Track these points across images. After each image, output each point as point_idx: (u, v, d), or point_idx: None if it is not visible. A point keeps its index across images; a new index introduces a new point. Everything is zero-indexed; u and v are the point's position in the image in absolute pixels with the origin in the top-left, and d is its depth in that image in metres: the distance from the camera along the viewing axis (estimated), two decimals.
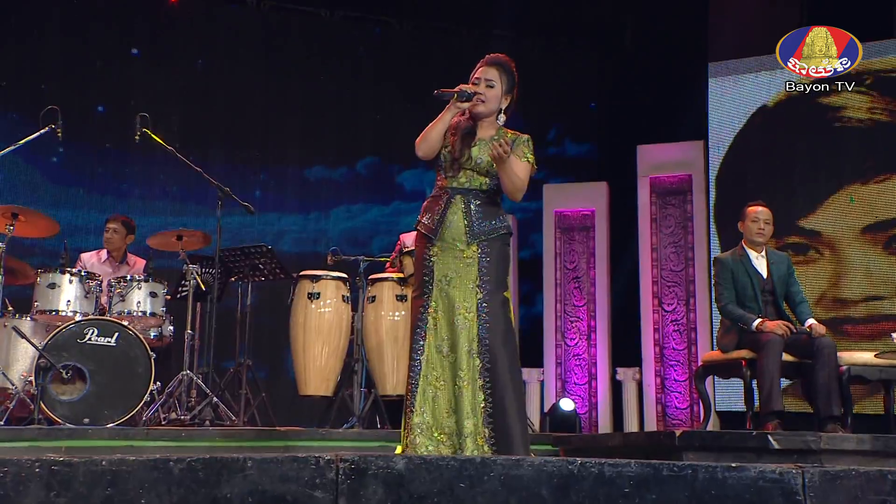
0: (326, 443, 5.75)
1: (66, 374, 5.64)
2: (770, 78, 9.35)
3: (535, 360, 9.77)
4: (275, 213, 10.90)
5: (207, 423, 5.78)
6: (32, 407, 5.60)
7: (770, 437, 4.60)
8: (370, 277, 6.47)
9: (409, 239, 7.12)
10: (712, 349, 8.97)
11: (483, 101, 4.17)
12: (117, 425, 5.69)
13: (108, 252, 6.99)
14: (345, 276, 6.50)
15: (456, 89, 4.10)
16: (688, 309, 9.41)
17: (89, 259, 6.97)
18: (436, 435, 3.97)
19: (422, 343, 4.06)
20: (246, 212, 6.33)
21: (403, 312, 6.45)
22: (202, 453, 5.30)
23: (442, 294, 4.08)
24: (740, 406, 6.69)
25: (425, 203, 4.28)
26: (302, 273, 6.50)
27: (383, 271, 6.58)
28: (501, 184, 4.13)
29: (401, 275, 6.45)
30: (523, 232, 10.58)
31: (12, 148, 6.20)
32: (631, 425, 9.34)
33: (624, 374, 9.48)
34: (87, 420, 5.64)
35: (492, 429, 3.92)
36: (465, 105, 4.13)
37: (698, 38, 9.76)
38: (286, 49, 11.05)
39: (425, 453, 3.92)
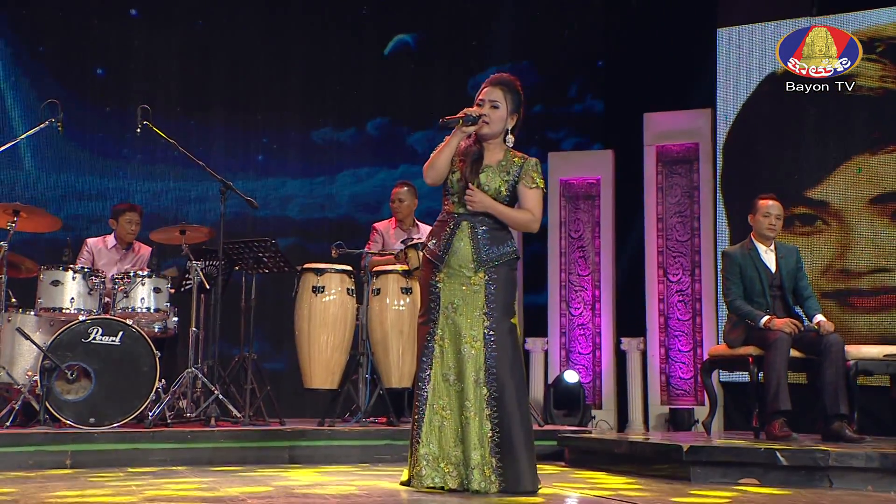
0: (332, 442, 5.78)
1: (71, 374, 5.63)
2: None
3: (540, 330, 9.77)
4: (279, 178, 10.79)
5: (213, 419, 5.77)
6: (38, 407, 5.60)
7: (778, 454, 4.60)
8: (375, 270, 6.42)
9: (381, 226, 7.09)
10: (717, 320, 8.98)
11: (488, 123, 4.10)
12: (123, 424, 5.69)
13: (116, 239, 6.92)
14: (349, 268, 6.45)
15: (461, 114, 4.03)
16: (693, 279, 9.37)
17: (95, 245, 6.91)
18: (442, 466, 3.96)
19: (428, 372, 4.03)
20: (249, 206, 6.23)
21: (408, 301, 6.42)
22: (208, 455, 5.35)
23: (448, 321, 4.05)
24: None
25: (432, 227, 4.24)
26: (306, 266, 6.45)
27: (361, 258, 6.49)
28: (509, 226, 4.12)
29: (405, 267, 6.39)
30: None
31: (13, 143, 6.12)
32: (634, 395, 9.36)
33: (628, 344, 9.47)
34: (92, 420, 5.66)
35: (499, 459, 3.91)
36: (471, 129, 4.06)
37: (708, 4, 9.57)
38: (288, 8, 10.85)
39: (431, 485, 3.92)
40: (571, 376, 9.22)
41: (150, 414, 5.76)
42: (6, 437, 5.28)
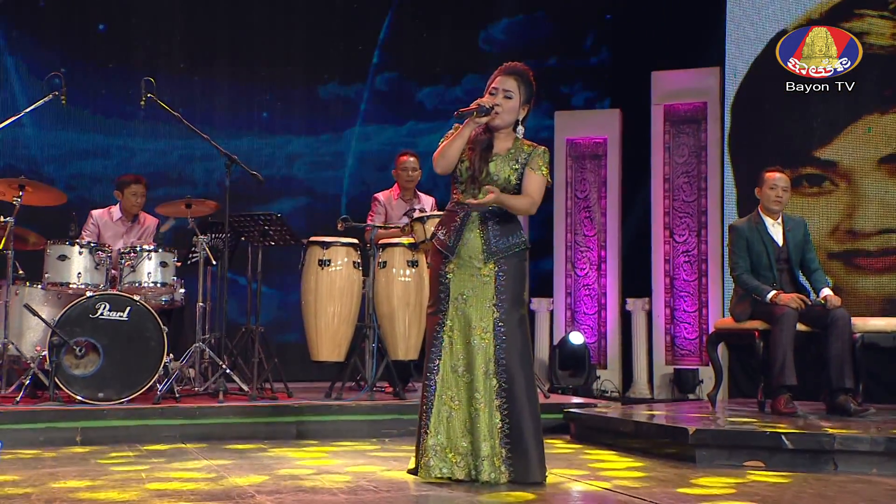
0: (339, 417, 5.82)
1: (80, 350, 5.65)
2: (790, 2, 9.06)
3: (545, 291, 9.78)
4: (284, 135, 10.72)
5: (221, 394, 5.80)
6: (47, 382, 5.64)
7: (783, 438, 4.62)
8: (381, 243, 6.41)
9: (382, 197, 7.05)
10: (723, 282, 8.98)
11: (499, 114, 4.06)
12: (132, 399, 5.73)
13: (122, 211, 6.90)
14: (355, 241, 6.44)
15: (473, 105, 3.99)
16: (699, 240, 9.35)
17: (101, 217, 6.89)
18: (450, 456, 3.99)
19: (437, 363, 4.04)
20: (255, 181, 6.20)
21: (414, 273, 6.42)
22: (217, 431, 5.39)
23: (458, 312, 4.05)
24: None
25: (441, 216, 4.22)
26: (312, 239, 6.43)
27: (366, 231, 6.47)
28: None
29: (411, 240, 6.38)
30: None
31: (17, 117, 6.08)
32: (639, 355, 9.40)
33: (633, 304, 9.48)
34: (101, 395, 5.69)
35: (509, 450, 3.94)
36: (484, 119, 4.04)
37: None
38: None
39: (439, 476, 3.95)
40: (577, 338, 9.25)
41: (159, 389, 5.79)
42: (18, 415, 5.32)
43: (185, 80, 10.45)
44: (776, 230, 6.16)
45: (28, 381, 5.72)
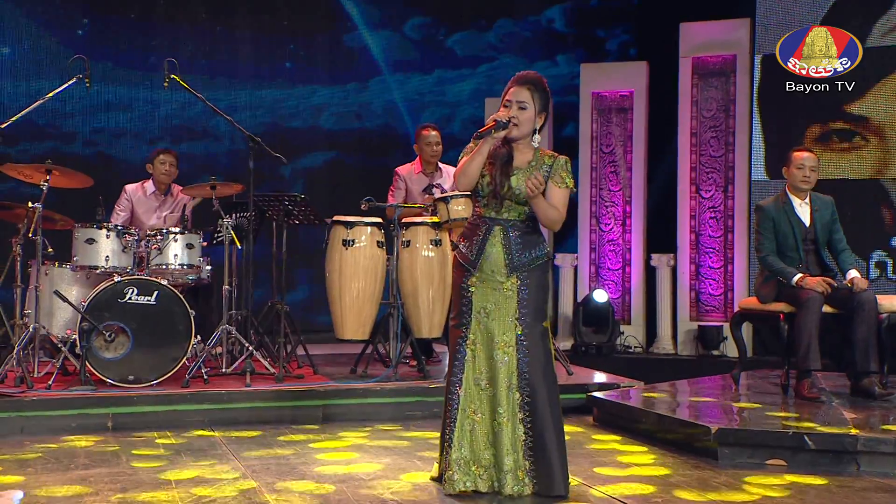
0: (365, 400, 5.89)
1: (109, 335, 5.73)
2: None
3: (570, 246, 9.77)
4: (308, 85, 10.64)
5: (248, 376, 5.88)
6: (78, 366, 5.73)
7: (806, 438, 4.64)
8: (404, 222, 6.40)
9: (403, 171, 7.01)
10: (748, 241, 8.92)
11: (517, 125, 4.02)
12: (161, 382, 5.82)
13: (154, 184, 6.91)
14: (379, 220, 6.43)
15: (490, 123, 3.95)
16: (726, 196, 9.28)
17: (135, 192, 6.91)
18: (473, 469, 4.04)
19: (460, 376, 4.06)
20: (278, 163, 6.18)
21: (438, 250, 6.43)
22: (244, 415, 5.49)
23: (480, 326, 4.06)
24: None
25: (463, 229, 4.21)
26: (336, 219, 6.43)
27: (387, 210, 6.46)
28: (537, 216, 4.05)
29: (435, 219, 6.37)
30: (559, 113, 10.34)
31: (40, 102, 6.07)
32: (663, 311, 9.42)
33: (658, 260, 9.47)
34: (131, 378, 5.79)
35: (532, 462, 3.98)
36: (502, 133, 4.01)
37: None
38: None
39: (463, 489, 4.01)
40: (601, 296, 9.27)
41: (188, 372, 5.88)
42: (52, 402, 5.44)
43: (207, 30, 10.37)
44: (803, 210, 6.09)
45: (59, 365, 5.84)
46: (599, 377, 6.66)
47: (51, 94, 6.07)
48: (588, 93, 9.76)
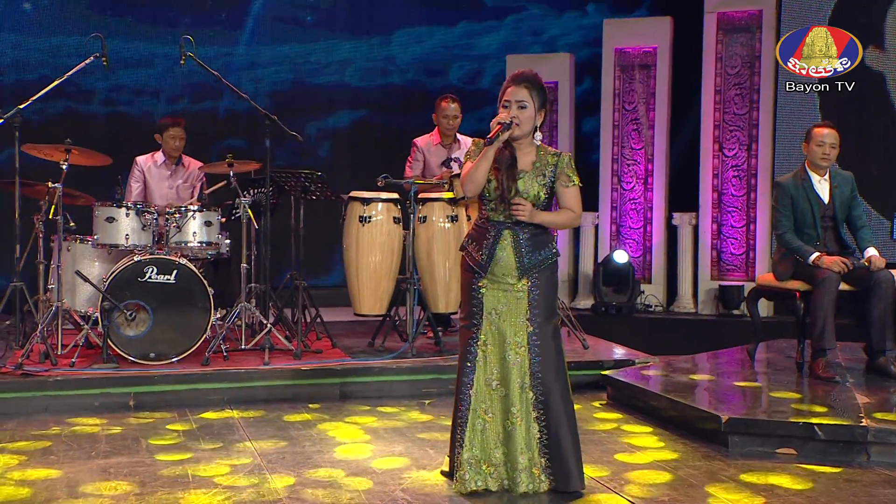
0: (381, 378, 5.97)
1: (130, 314, 5.83)
2: None
3: (590, 205, 9.74)
4: (329, 40, 10.55)
5: (267, 352, 5.98)
6: (101, 344, 5.85)
7: (816, 428, 4.68)
8: (420, 197, 6.41)
9: (422, 143, 6.99)
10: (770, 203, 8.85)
11: (519, 125, 4.02)
12: (182, 358, 5.93)
13: (164, 154, 6.94)
14: (396, 197, 6.45)
15: (496, 128, 3.94)
16: (749, 154, 9.19)
17: (145, 163, 6.94)
18: (484, 468, 4.11)
19: (472, 377, 4.11)
20: (295, 140, 6.19)
21: (454, 226, 6.45)
22: (263, 393, 5.60)
23: (492, 327, 4.10)
24: None
25: (470, 230, 4.22)
26: (353, 195, 6.46)
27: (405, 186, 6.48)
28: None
29: (451, 194, 6.38)
30: (581, 70, 10.23)
31: (60, 81, 6.09)
32: (684, 270, 9.41)
33: (680, 219, 9.43)
34: (153, 355, 5.90)
35: (548, 459, 4.05)
36: (506, 135, 4.01)
37: None
38: None
39: (474, 488, 4.08)
40: (621, 256, 9.27)
41: (208, 349, 5.98)
42: (75, 382, 5.59)
43: None
44: (822, 187, 6.04)
45: (82, 342, 5.96)
46: (616, 352, 6.69)
47: (70, 72, 6.07)
48: (611, 49, 9.63)
